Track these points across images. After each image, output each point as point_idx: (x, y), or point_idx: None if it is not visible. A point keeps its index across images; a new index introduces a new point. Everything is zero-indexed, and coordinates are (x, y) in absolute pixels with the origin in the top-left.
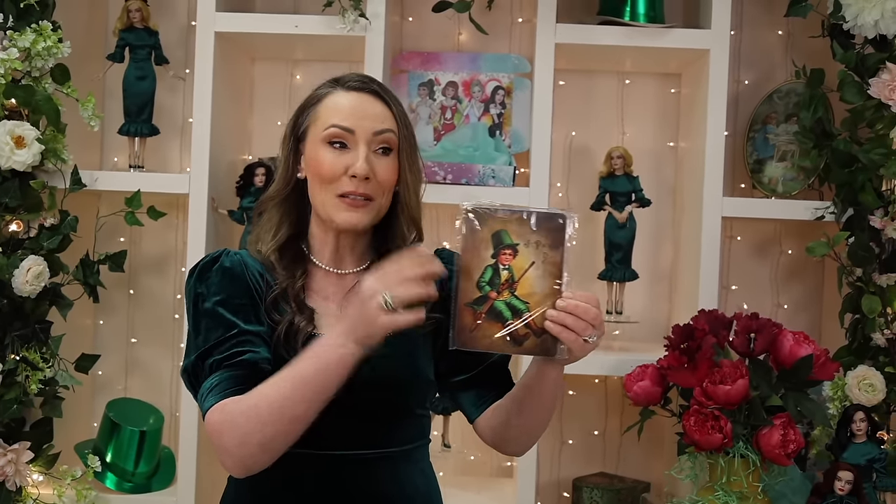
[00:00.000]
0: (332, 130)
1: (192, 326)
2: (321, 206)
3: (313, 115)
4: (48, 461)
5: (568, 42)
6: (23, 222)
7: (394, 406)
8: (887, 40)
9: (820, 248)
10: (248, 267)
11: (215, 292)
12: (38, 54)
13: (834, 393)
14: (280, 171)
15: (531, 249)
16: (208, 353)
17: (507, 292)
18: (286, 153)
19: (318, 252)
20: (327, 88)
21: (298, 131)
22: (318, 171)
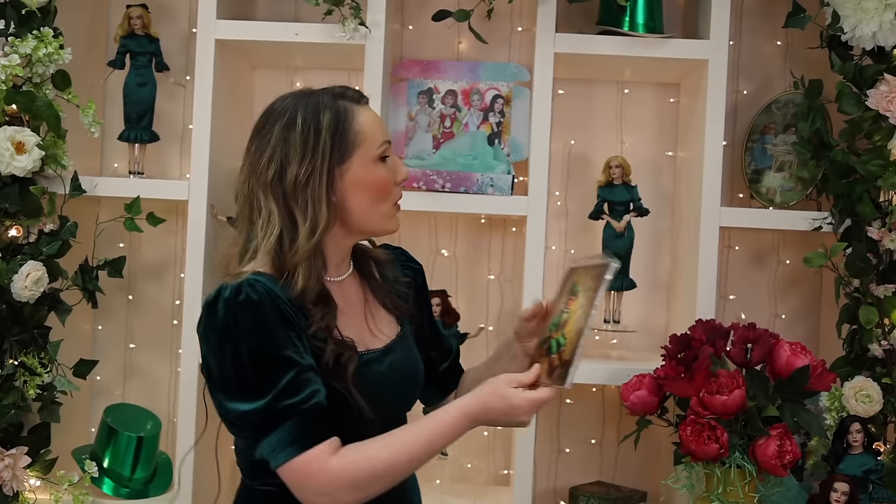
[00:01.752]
0: (385, 147)
1: (236, 368)
2: (375, 221)
3: (357, 134)
4: (45, 466)
5: (567, 51)
6: (22, 228)
7: (411, 396)
8: (885, 52)
9: (817, 259)
10: (277, 297)
11: (258, 331)
12: (39, 60)
13: (831, 404)
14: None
15: (584, 294)
16: (279, 397)
17: (559, 332)
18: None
19: (328, 268)
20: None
21: (341, 158)
22: (378, 190)
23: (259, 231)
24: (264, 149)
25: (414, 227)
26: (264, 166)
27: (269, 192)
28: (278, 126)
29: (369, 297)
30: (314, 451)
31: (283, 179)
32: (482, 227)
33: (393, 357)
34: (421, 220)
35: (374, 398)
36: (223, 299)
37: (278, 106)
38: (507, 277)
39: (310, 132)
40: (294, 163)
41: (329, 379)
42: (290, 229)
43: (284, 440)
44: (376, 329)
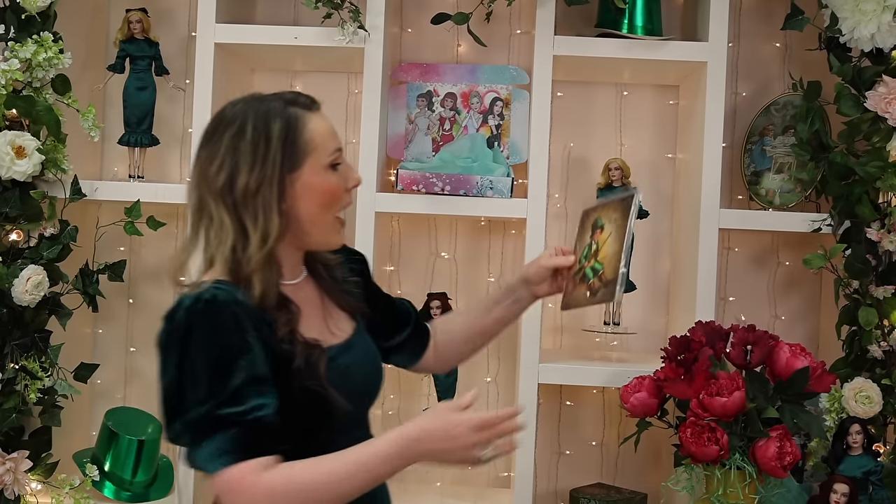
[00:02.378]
0: (336, 154)
1: (190, 376)
2: (320, 231)
3: (307, 143)
4: (47, 470)
5: (566, 54)
6: (23, 232)
7: (376, 389)
8: (883, 53)
9: (817, 261)
10: (240, 304)
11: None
12: (39, 65)
13: (830, 405)
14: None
15: (611, 224)
16: (222, 405)
17: (592, 260)
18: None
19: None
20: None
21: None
22: (328, 197)
23: (213, 239)
24: (214, 156)
25: (414, 229)
26: (214, 174)
27: (219, 200)
28: (228, 133)
29: (325, 298)
30: (248, 465)
31: (234, 188)
32: (482, 230)
33: (353, 352)
34: (421, 222)
35: (346, 391)
36: (184, 308)
37: (228, 112)
38: (507, 280)
39: (260, 140)
40: (244, 171)
41: (303, 380)
42: (241, 238)
43: (220, 449)
44: (335, 327)
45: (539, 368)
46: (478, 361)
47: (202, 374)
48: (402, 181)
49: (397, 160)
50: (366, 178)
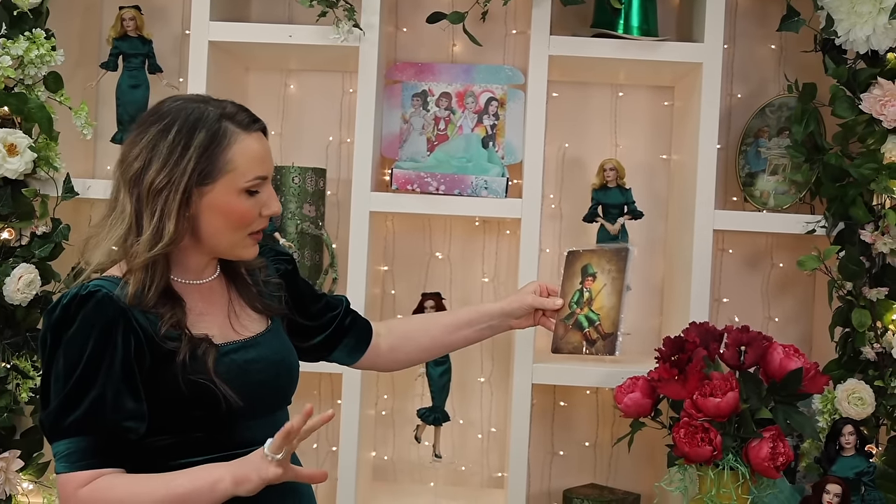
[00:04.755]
0: (256, 182)
1: (55, 373)
2: (228, 246)
3: (227, 162)
4: (38, 470)
5: (561, 54)
6: (14, 230)
7: (284, 387)
8: (879, 55)
9: (811, 262)
10: (118, 303)
11: (84, 341)
12: (31, 62)
13: (823, 406)
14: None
15: (604, 275)
16: (72, 408)
17: (586, 308)
18: (174, 205)
19: (182, 271)
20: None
21: (202, 179)
22: (235, 219)
23: (112, 220)
24: (136, 144)
25: (408, 229)
26: (130, 161)
27: (127, 188)
28: (154, 127)
29: (234, 298)
30: (77, 476)
31: (141, 181)
32: (476, 230)
33: (258, 348)
34: (415, 222)
35: (240, 386)
36: (61, 305)
37: (165, 106)
38: (502, 280)
39: (178, 145)
40: (154, 169)
41: (188, 374)
42: (135, 231)
43: (62, 452)
44: (240, 326)
45: (533, 368)
46: (471, 361)
47: (63, 374)
48: (396, 181)
49: (392, 160)
50: (360, 178)
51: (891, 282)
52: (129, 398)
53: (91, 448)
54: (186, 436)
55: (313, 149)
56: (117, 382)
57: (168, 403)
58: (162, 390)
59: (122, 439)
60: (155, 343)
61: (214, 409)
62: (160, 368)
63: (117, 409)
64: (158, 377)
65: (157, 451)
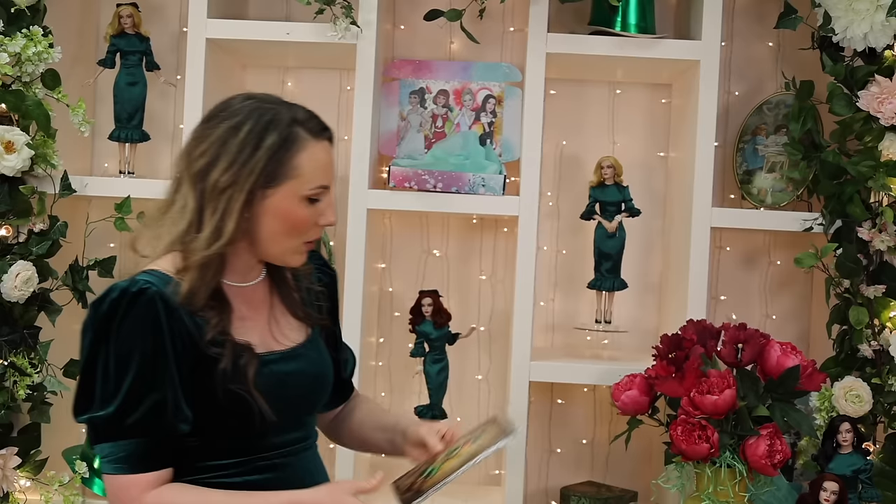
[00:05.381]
0: (319, 191)
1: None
2: (279, 252)
3: (294, 168)
4: (36, 467)
5: (559, 52)
6: (12, 227)
7: (318, 398)
8: (876, 53)
9: (808, 260)
10: (167, 303)
11: (133, 340)
12: (28, 59)
13: (821, 404)
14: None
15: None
16: (132, 409)
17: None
18: (236, 205)
19: (229, 272)
20: (296, 131)
21: (267, 182)
22: (292, 225)
23: (173, 214)
24: (203, 139)
25: (405, 226)
26: (196, 156)
27: (192, 182)
28: (225, 124)
29: (276, 303)
30: (137, 478)
31: (207, 177)
32: (474, 228)
33: (298, 360)
34: (412, 220)
35: (278, 398)
36: (109, 300)
37: (236, 103)
38: (499, 278)
39: (248, 144)
40: (221, 167)
41: (228, 383)
42: (195, 228)
43: (116, 454)
44: (280, 334)
45: (530, 366)
46: (469, 360)
47: (113, 372)
48: (394, 178)
49: (389, 157)
50: (358, 175)
51: (888, 279)
52: (184, 401)
53: (150, 450)
54: (215, 440)
55: None
56: (176, 384)
57: (202, 408)
58: (199, 394)
59: (175, 441)
60: (198, 347)
61: (248, 419)
62: (200, 372)
63: (177, 412)
64: (197, 381)
65: (183, 452)
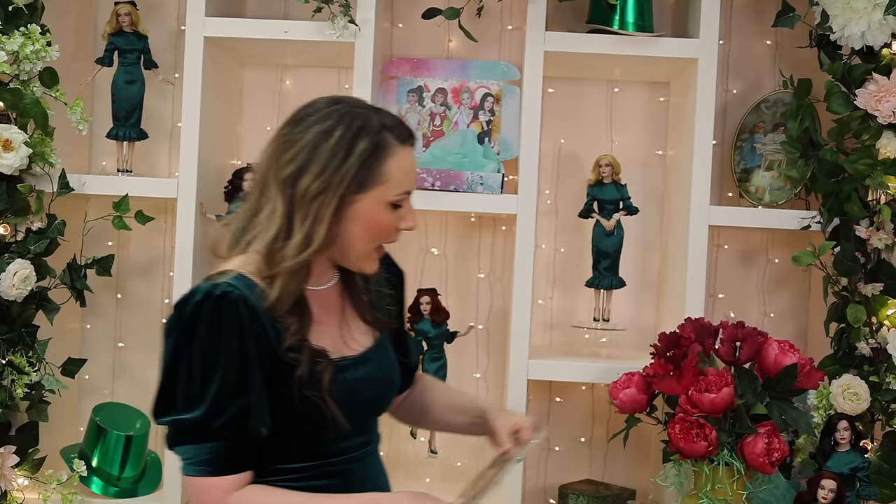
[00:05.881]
0: (403, 196)
1: (184, 372)
2: (357, 256)
3: (383, 174)
4: (34, 465)
5: (557, 50)
6: (10, 226)
7: (386, 403)
8: (874, 51)
9: (806, 258)
10: (250, 306)
11: (217, 343)
12: (26, 57)
13: (819, 402)
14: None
15: None
16: (218, 413)
17: None
18: (328, 211)
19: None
20: (385, 137)
21: (356, 188)
22: (376, 230)
23: (261, 220)
24: (292, 144)
25: None
26: (285, 162)
27: (280, 188)
28: (315, 128)
29: (347, 307)
30: (221, 480)
31: (297, 183)
32: (472, 226)
33: (368, 365)
34: None
35: (349, 405)
36: (193, 302)
37: (324, 107)
38: (497, 276)
39: (341, 150)
40: (312, 173)
41: (304, 389)
42: (284, 234)
43: (200, 456)
44: (350, 338)
45: (528, 364)
46: (467, 358)
47: (196, 374)
48: None
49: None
50: None
51: (886, 277)
52: (265, 405)
53: (233, 453)
54: (288, 443)
55: None
56: (259, 389)
57: (278, 411)
58: (274, 398)
59: (251, 443)
60: (276, 352)
61: (320, 425)
62: (277, 377)
63: (259, 416)
64: (273, 385)
65: (258, 454)
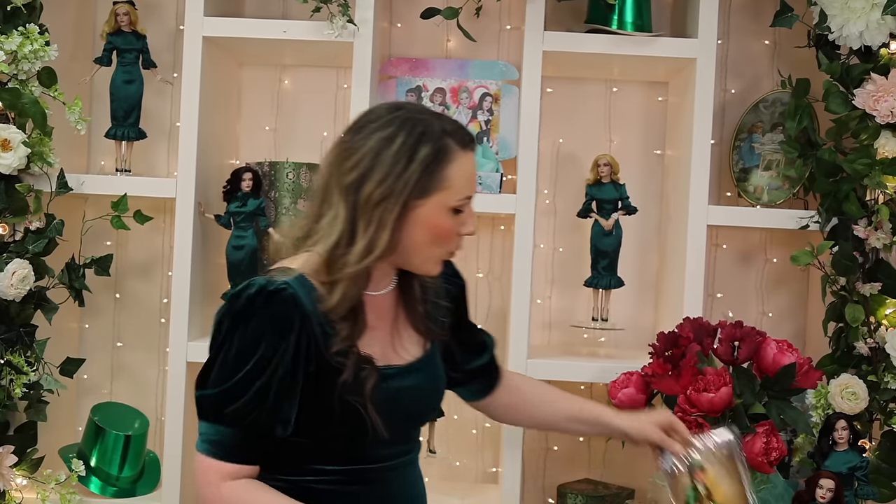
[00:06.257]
0: (464, 201)
1: (223, 357)
2: (421, 261)
3: (445, 179)
4: (32, 465)
5: (556, 50)
6: (8, 225)
7: (429, 414)
8: (872, 51)
9: (804, 257)
10: (300, 307)
11: (258, 337)
12: (24, 57)
13: (817, 401)
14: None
15: (715, 465)
16: (234, 399)
17: (708, 502)
18: (391, 217)
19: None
20: (447, 143)
21: (419, 194)
22: (438, 235)
23: (323, 226)
24: (355, 150)
25: None
26: (347, 168)
27: (343, 194)
28: (377, 135)
29: (401, 314)
30: (222, 465)
31: (360, 190)
32: None
33: (414, 376)
34: None
35: (390, 413)
36: (247, 294)
37: (386, 113)
38: (496, 275)
39: (403, 156)
40: (375, 179)
41: (346, 394)
42: (347, 240)
43: (211, 436)
44: (400, 346)
45: (527, 364)
46: None
47: (231, 360)
48: None
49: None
50: None
51: (884, 277)
52: (287, 402)
53: (240, 442)
54: (323, 445)
55: (308, 144)
56: (280, 385)
57: (317, 412)
58: (315, 399)
59: (268, 439)
60: (322, 354)
61: (360, 430)
62: (320, 378)
63: (274, 412)
64: (315, 386)
65: (289, 450)
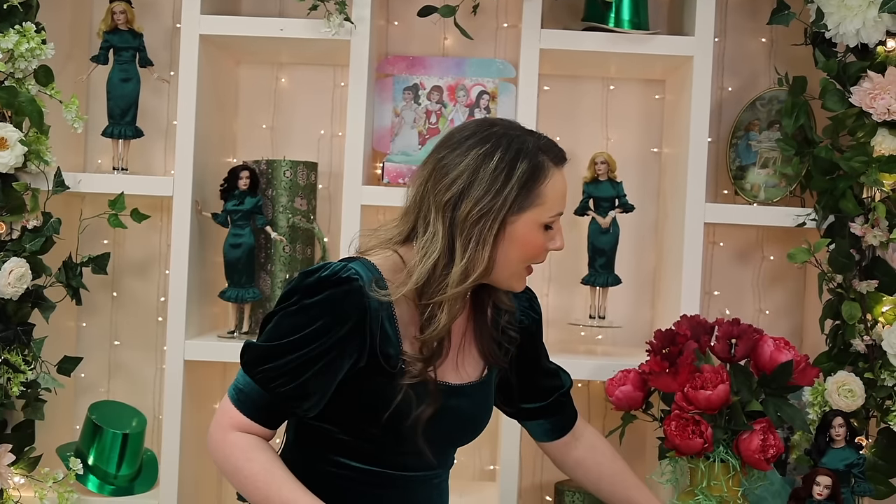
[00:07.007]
0: (555, 217)
1: (279, 320)
2: (508, 276)
3: (540, 196)
4: (30, 464)
5: (553, 48)
6: (5, 224)
7: (468, 438)
8: (868, 49)
9: (801, 255)
10: (365, 299)
11: (317, 314)
12: (21, 56)
13: (814, 398)
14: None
15: None
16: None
17: None
18: (490, 234)
19: None
20: (542, 159)
21: (516, 212)
22: (529, 250)
23: (420, 248)
24: (452, 168)
25: None
26: (445, 186)
27: (440, 212)
28: (475, 151)
29: (468, 335)
30: (238, 414)
31: (458, 207)
32: None
33: (463, 399)
34: None
35: (428, 429)
36: (319, 275)
37: (482, 130)
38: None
39: (501, 173)
40: (474, 197)
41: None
42: (446, 261)
43: (240, 385)
44: (461, 365)
45: None
46: None
47: (285, 326)
48: (388, 174)
49: (383, 153)
50: (352, 171)
51: (881, 274)
52: (320, 384)
53: (264, 404)
54: (358, 442)
55: (305, 142)
56: (319, 365)
57: (357, 408)
58: (358, 394)
59: (288, 412)
60: (375, 353)
61: (395, 439)
62: (367, 374)
63: (304, 388)
64: (359, 381)
65: (324, 438)
